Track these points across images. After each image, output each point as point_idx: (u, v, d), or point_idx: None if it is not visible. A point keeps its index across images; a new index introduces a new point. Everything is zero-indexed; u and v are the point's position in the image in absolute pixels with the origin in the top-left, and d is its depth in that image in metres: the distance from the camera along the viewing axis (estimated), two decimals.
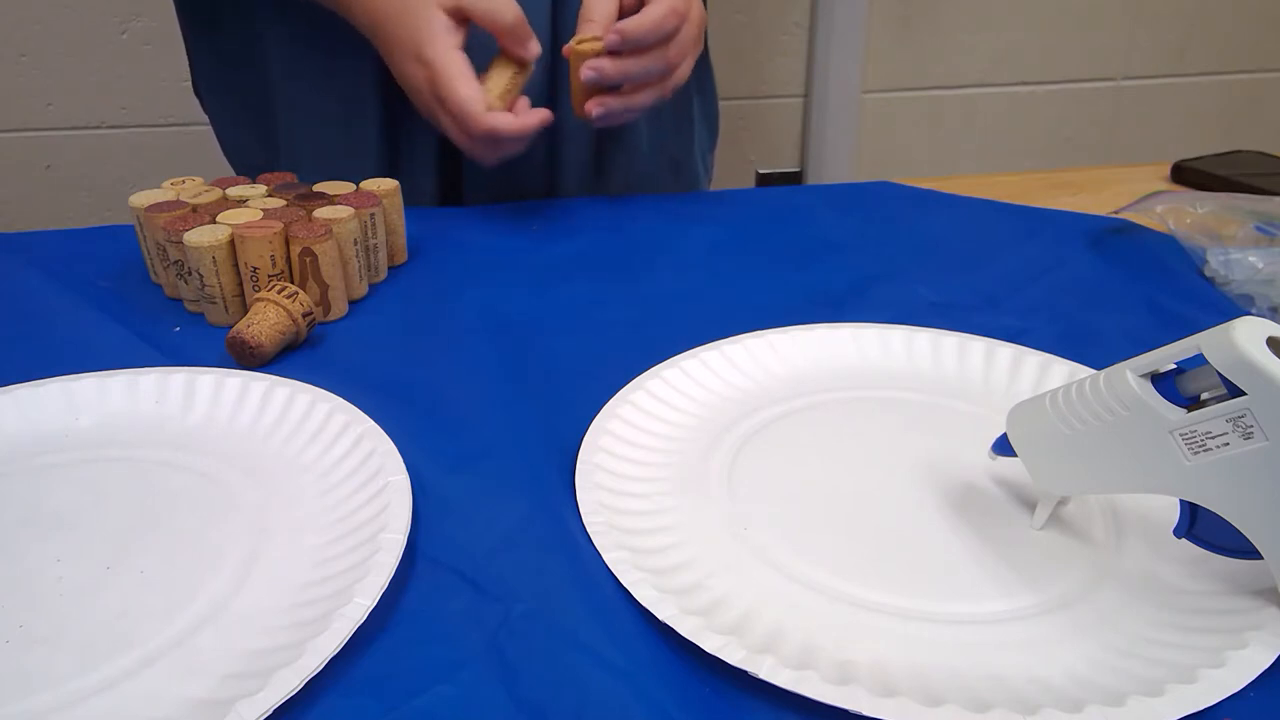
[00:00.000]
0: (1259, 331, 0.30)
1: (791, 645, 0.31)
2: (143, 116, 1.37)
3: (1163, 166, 0.79)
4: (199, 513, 0.38)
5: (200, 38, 0.75)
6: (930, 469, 0.41)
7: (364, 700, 0.30)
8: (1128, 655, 0.31)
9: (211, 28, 0.73)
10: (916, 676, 0.30)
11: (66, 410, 0.44)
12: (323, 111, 0.70)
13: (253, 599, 0.33)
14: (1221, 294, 0.57)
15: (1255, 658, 0.30)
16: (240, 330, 0.48)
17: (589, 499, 0.38)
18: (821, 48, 1.49)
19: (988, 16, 1.53)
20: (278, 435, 0.42)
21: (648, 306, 0.56)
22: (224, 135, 0.78)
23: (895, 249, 0.64)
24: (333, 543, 0.36)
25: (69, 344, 0.50)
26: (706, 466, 0.41)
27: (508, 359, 0.50)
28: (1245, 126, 1.70)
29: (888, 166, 1.61)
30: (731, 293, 0.57)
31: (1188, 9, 1.58)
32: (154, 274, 0.58)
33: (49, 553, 0.35)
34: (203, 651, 0.31)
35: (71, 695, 0.29)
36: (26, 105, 1.34)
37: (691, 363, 0.47)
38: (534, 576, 0.35)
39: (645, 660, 0.31)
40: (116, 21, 1.30)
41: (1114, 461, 0.33)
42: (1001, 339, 0.49)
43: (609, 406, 0.43)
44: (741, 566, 0.35)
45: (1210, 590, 0.34)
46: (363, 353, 0.51)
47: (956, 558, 0.36)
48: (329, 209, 0.55)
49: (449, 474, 0.40)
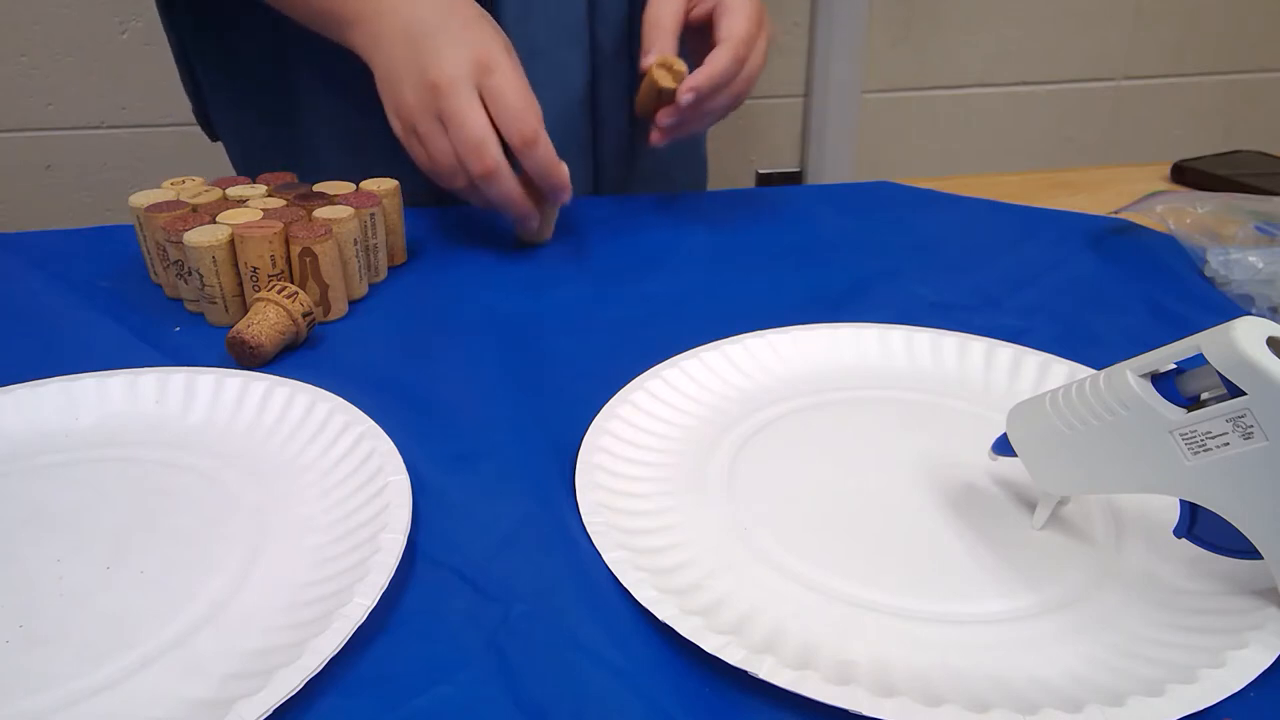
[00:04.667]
0: (1259, 331, 0.30)
1: (791, 645, 0.31)
2: (143, 116, 1.37)
3: (1163, 166, 0.79)
4: (199, 513, 0.38)
5: (211, 70, 0.74)
6: (930, 469, 0.41)
7: (364, 700, 0.30)
8: (1128, 655, 0.31)
9: (225, 51, 0.73)
10: (916, 676, 0.30)
11: (66, 410, 0.44)
12: (347, 118, 0.70)
13: (253, 599, 0.33)
14: (1221, 294, 0.57)
15: (1255, 658, 0.30)
16: (240, 330, 0.48)
17: (589, 499, 0.38)
18: (821, 48, 1.49)
19: (988, 16, 1.53)
20: (278, 435, 0.42)
21: (648, 306, 0.56)
22: (240, 154, 0.78)
23: (895, 249, 0.64)
24: (333, 543, 0.36)
25: (69, 344, 0.50)
26: (706, 466, 0.41)
27: (508, 359, 0.50)
28: (1245, 126, 1.70)
29: (888, 166, 1.61)
30: (731, 293, 0.57)
31: (1188, 9, 1.58)
32: (154, 274, 0.58)
33: (49, 553, 0.35)
34: (203, 651, 0.31)
35: (71, 695, 0.29)
36: (26, 105, 1.34)
37: (691, 363, 0.47)
38: (534, 576, 0.35)
39: (645, 660, 0.31)
40: (116, 21, 1.30)
41: (1114, 461, 0.33)
42: (1001, 339, 0.49)
43: (609, 406, 0.43)
44: (741, 566, 0.35)
45: (1210, 590, 0.34)
46: (363, 353, 0.51)
47: (956, 558, 0.36)
48: (329, 209, 0.55)
49: (449, 474, 0.40)
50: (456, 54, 0.57)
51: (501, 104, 0.57)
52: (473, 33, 0.58)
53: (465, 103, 0.56)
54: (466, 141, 0.57)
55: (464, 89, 0.56)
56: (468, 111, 0.56)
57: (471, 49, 0.57)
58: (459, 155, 0.57)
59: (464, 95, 0.56)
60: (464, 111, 0.56)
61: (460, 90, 0.56)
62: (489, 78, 0.57)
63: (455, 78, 0.56)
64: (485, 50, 0.57)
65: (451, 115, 0.56)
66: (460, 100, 0.56)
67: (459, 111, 0.56)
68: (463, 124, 0.56)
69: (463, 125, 0.56)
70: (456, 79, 0.56)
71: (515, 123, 0.57)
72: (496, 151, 0.57)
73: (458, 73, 0.56)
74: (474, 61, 0.57)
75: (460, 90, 0.56)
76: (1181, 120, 1.67)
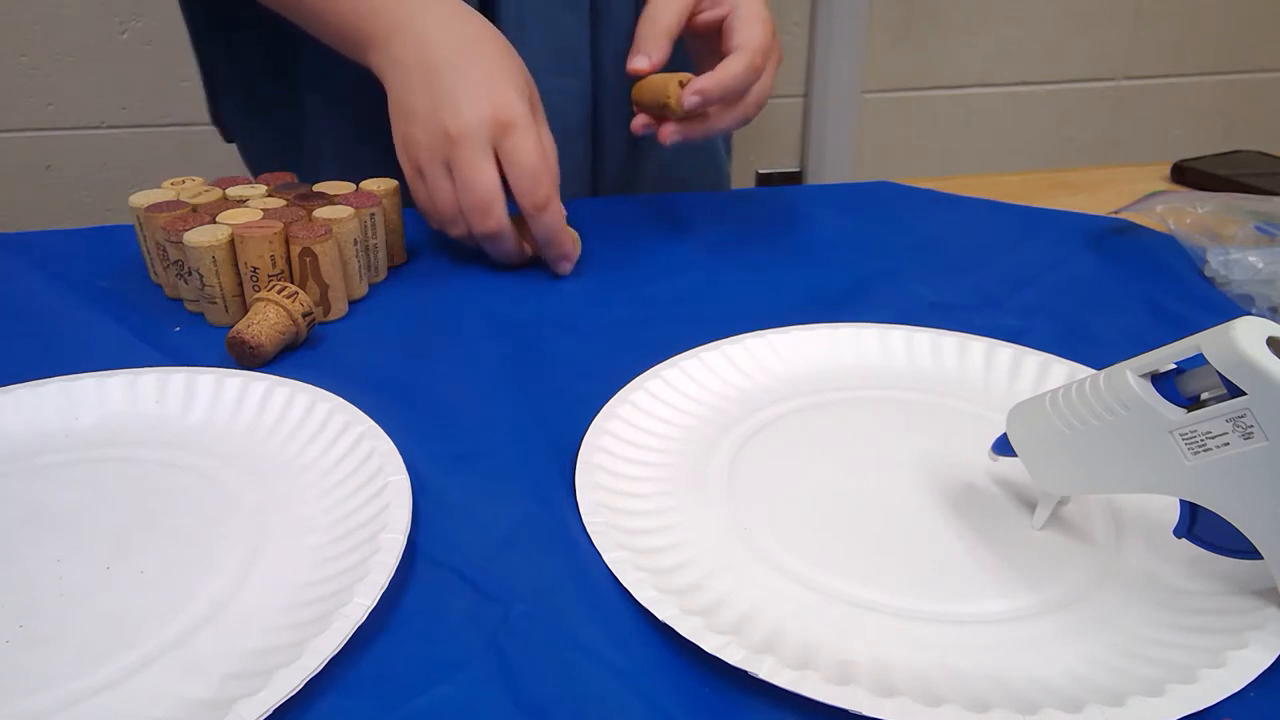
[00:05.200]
0: (1259, 331, 0.30)
1: (791, 645, 0.31)
2: (143, 116, 1.37)
3: (1163, 166, 0.79)
4: (199, 513, 0.38)
5: (221, 70, 0.74)
6: (930, 469, 0.41)
7: (364, 700, 0.30)
8: (1128, 655, 0.31)
9: (233, 54, 0.72)
10: (916, 676, 0.30)
11: (66, 410, 0.44)
12: (349, 140, 0.69)
13: (253, 599, 0.33)
14: (1221, 294, 0.57)
15: (1255, 658, 0.30)
16: (240, 330, 0.48)
17: (589, 499, 0.38)
18: (821, 48, 1.49)
19: (988, 17, 1.54)
20: (278, 435, 0.42)
21: (648, 306, 0.56)
22: (251, 158, 0.78)
23: (895, 249, 0.64)
24: (333, 543, 0.36)
25: (69, 344, 0.50)
26: (706, 466, 0.41)
27: (508, 359, 0.50)
28: (1245, 126, 1.70)
29: (888, 166, 1.61)
30: (731, 293, 0.57)
31: (1188, 9, 1.58)
32: (154, 274, 0.58)
33: (49, 553, 0.35)
34: (203, 651, 0.31)
35: (71, 695, 0.29)
36: (26, 105, 1.34)
37: (691, 363, 0.47)
38: (534, 576, 0.35)
39: (645, 660, 0.31)
40: (116, 21, 1.30)
41: (1114, 461, 0.33)
42: (1001, 339, 0.49)
43: (609, 406, 0.43)
44: (741, 566, 0.35)
45: (1210, 590, 0.34)
46: (363, 353, 0.51)
47: (956, 558, 0.36)
48: (329, 209, 0.55)
49: (449, 474, 0.40)
50: (475, 105, 0.54)
51: (517, 166, 0.54)
52: (495, 80, 0.55)
53: (478, 161, 0.54)
54: (474, 201, 0.54)
55: (479, 146, 0.54)
56: (479, 170, 0.54)
57: (491, 102, 0.54)
58: (463, 209, 0.55)
59: (478, 153, 0.54)
60: (475, 170, 0.54)
61: (475, 147, 0.53)
62: (507, 137, 0.54)
63: (471, 132, 0.53)
64: (505, 104, 0.54)
65: (462, 170, 0.54)
66: (473, 157, 0.54)
67: (470, 169, 0.54)
68: (472, 183, 0.54)
69: (472, 185, 0.54)
70: (472, 134, 0.53)
71: (529, 187, 0.54)
72: (502, 214, 0.55)
73: (474, 127, 0.53)
74: (493, 119, 0.54)
75: (475, 147, 0.53)
76: (1181, 120, 1.67)
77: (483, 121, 0.54)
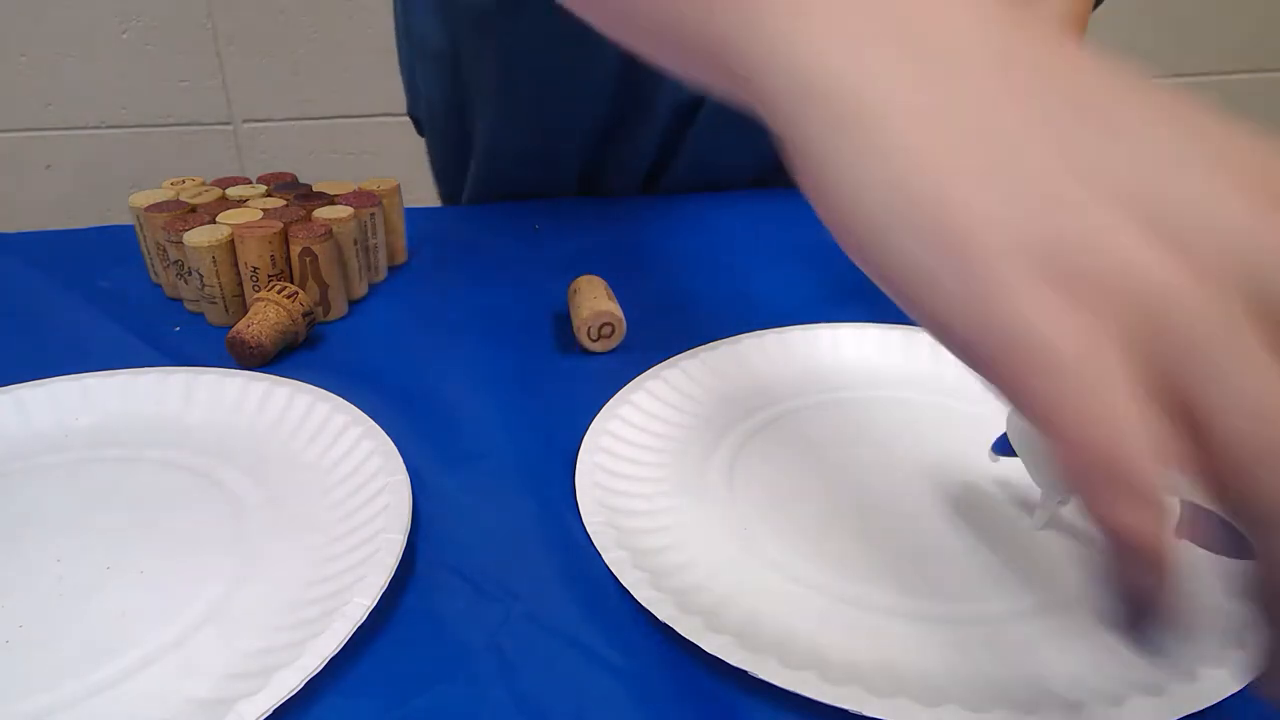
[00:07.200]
0: None
1: (791, 645, 0.31)
2: (143, 116, 1.37)
3: None
4: (199, 513, 0.38)
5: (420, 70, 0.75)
6: (931, 469, 0.41)
7: (364, 700, 0.30)
8: (1127, 655, 0.31)
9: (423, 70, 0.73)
10: (916, 676, 0.30)
11: (66, 410, 0.44)
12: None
13: (253, 599, 0.33)
14: None
15: None
16: (240, 330, 0.48)
17: (589, 499, 0.38)
18: None
19: None
20: (278, 435, 0.42)
21: (648, 306, 0.56)
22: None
23: None
24: (333, 543, 0.36)
25: (69, 344, 0.50)
26: (706, 466, 0.41)
27: (508, 359, 0.50)
28: None
29: None
30: (732, 292, 0.57)
31: (1188, 9, 1.58)
32: (154, 274, 0.58)
33: (49, 553, 0.35)
34: (203, 651, 0.31)
35: (71, 695, 0.29)
36: (26, 105, 1.34)
37: (691, 363, 0.47)
38: (534, 576, 0.35)
39: (645, 660, 0.31)
40: (116, 21, 1.30)
41: None
42: None
43: (609, 406, 0.43)
44: (741, 567, 0.35)
45: (1210, 590, 0.34)
46: (363, 353, 0.51)
47: (956, 558, 0.36)
48: (329, 209, 0.55)
49: (449, 474, 0.40)
50: (1004, 211, 0.22)
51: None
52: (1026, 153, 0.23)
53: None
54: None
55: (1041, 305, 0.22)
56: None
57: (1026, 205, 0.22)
58: None
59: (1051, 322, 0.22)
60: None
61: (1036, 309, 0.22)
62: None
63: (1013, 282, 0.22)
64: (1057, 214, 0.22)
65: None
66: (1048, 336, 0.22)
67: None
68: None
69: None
70: (1014, 282, 0.22)
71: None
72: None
73: (1016, 265, 0.22)
74: (1042, 240, 0.22)
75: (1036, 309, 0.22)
76: None
77: (1022, 251, 0.22)
